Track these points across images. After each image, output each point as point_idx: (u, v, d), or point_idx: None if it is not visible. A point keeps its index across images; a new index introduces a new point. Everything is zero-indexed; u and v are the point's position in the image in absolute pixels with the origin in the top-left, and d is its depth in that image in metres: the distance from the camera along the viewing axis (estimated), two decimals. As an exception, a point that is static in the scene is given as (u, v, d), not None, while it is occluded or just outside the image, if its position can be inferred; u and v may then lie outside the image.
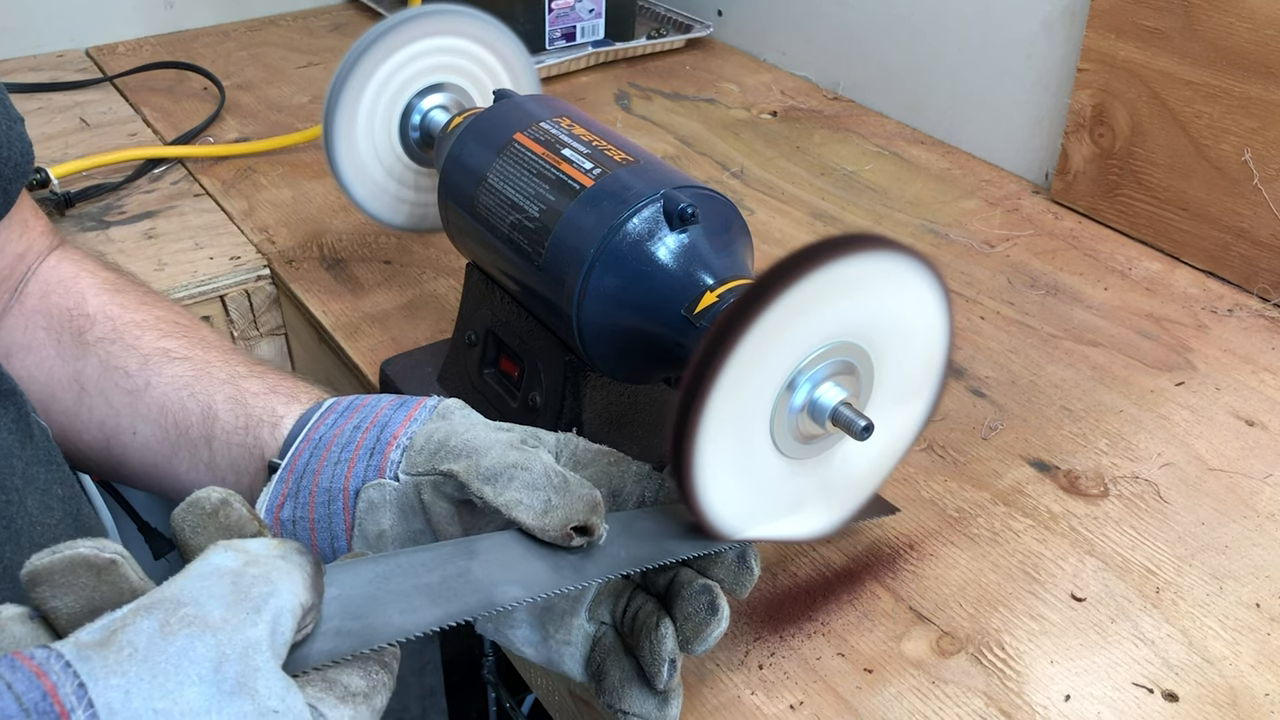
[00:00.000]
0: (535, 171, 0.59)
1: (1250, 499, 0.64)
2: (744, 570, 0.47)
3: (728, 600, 0.46)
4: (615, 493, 0.49)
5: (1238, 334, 0.78)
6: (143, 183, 0.98)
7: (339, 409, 0.53)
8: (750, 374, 0.44)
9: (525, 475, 0.45)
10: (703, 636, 0.45)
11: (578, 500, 0.44)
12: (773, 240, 0.89)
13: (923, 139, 1.07)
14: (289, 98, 1.14)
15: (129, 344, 0.59)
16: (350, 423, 0.51)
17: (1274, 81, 0.77)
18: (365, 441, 0.50)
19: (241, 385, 0.56)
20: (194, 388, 0.57)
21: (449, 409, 0.51)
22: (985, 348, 0.77)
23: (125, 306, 0.61)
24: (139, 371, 0.58)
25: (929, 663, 0.53)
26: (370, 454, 0.49)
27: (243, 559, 0.36)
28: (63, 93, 1.15)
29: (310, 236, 0.89)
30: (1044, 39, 0.95)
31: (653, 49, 1.26)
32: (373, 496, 0.49)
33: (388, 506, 0.49)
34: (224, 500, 0.38)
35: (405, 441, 0.49)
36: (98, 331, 0.60)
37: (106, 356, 0.59)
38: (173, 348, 0.59)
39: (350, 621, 0.38)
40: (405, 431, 0.50)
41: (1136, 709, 0.51)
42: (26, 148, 0.59)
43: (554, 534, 0.44)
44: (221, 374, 0.57)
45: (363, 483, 0.49)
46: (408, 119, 0.74)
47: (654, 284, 0.53)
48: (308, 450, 0.51)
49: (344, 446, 0.50)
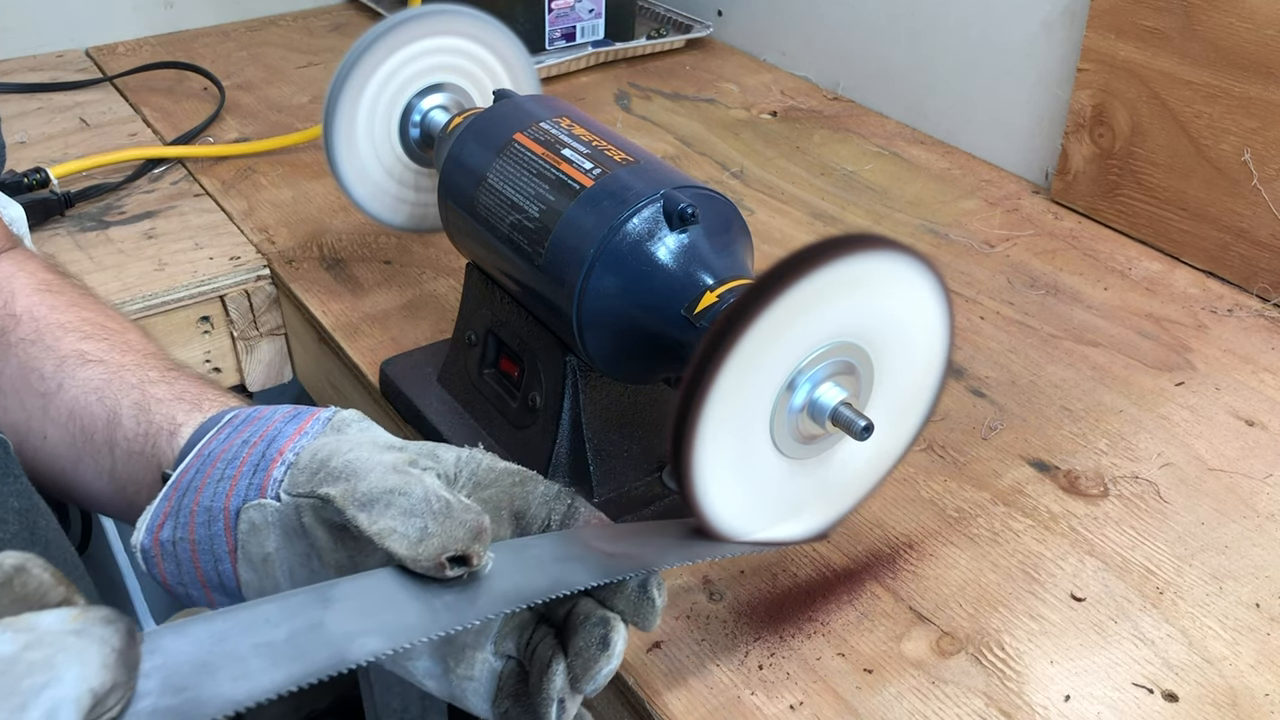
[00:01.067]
0: (535, 171, 0.59)
1: (1250, 499, 0.64)
2: (645, 600, 0.44)
3: (630, 632, 0.43)
4: (519, 514, 0.46)
5: (1238, 334, 0.78)
6: (143, 183, 0.98)
7: (235, 422, 0.49)
8: (750, 374, 0.44)
9: (403, 501, 0.41)
10: (591, 675, 0.42)
11: (458, 527, 0.41)
12: (773, 240, 0.89)
13: (923, 139, 1.07)
14: (289, 98, 1.14)
15: (48, 345, 0.57)
16: (241, 437, 0.48)
17: (1274, 81, 0.77)
18: (250, 457, 0.47)
19: (149, 391, 0.54)
20: (103, 392, 0.54)
21: (345, 421, 0.48)
22: (985, 348, 0.77)
23: (54, 308, 0.59)
24: (53, 374, 0.56)
25: (929, 663, 0.53)
26: (254, 470, 0.46)
27: (23, 642, 0.31)
28: (63, 93, 1.15)
29: (310, 236, 0.89)
30: (1044, 39, 0.95)
31: (653, 49, 1.26)
32: (254, 518, 0.46)
33: (270, 528, 0.46)
34: (19, 567, 0.33)
35: (290, 458, 0.46)
36: (21, 332, 0.57)
37: (25, 358, 0.57)
38: (90, 350, 0.56)
39: (170, 697, 0.34)
40: (292, 446, 0.46)
41: (1136, 709, 0.51)
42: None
43: (426, 565, 0.40)
44: (132, 378, 0.55)
45: (244, 501, 0.46)
46: (408, 119, 0.74)
47: (654, 284, 0.53)
48: (195, 467, 0.48)
49: (229, 463, 0.47)
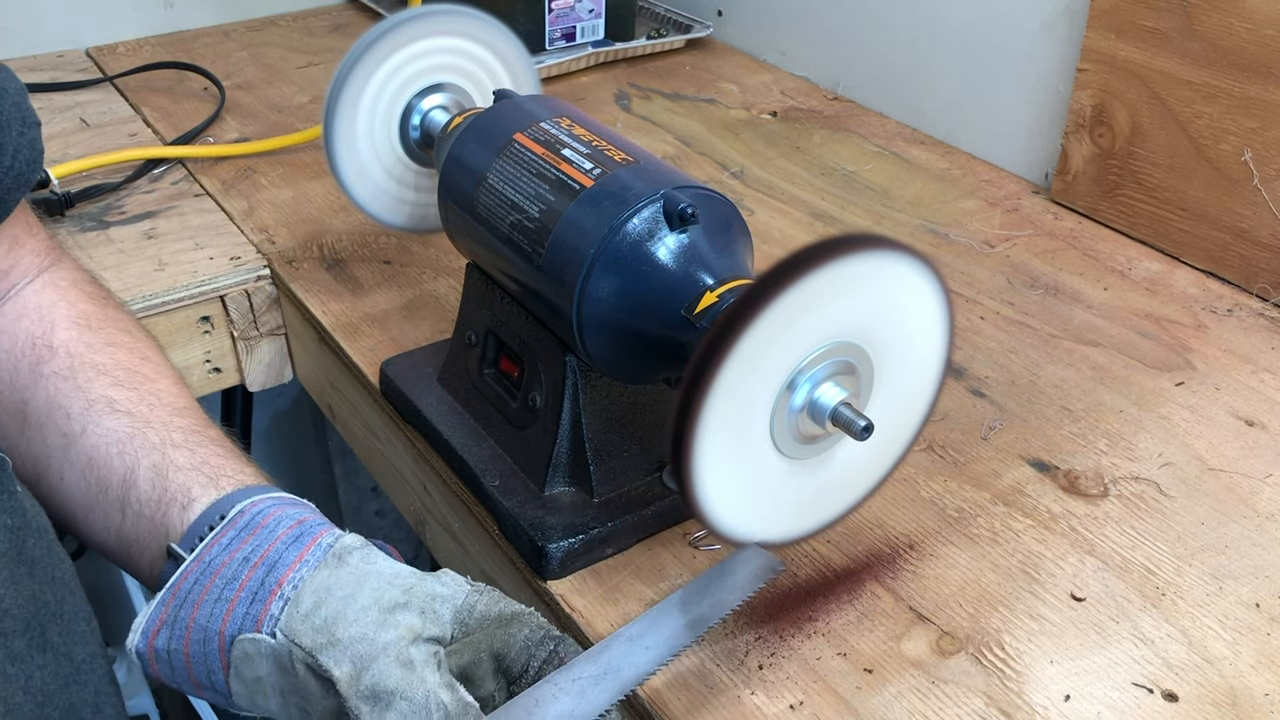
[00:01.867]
0: (535, 171, 0.59)
1: (1250, 499, 0.64)
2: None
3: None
4: (499, 657, 0.47)
5: (1238, 334, 0.78)
6: (143, 183, 0.98)
7: (239, 524, 0.50)
8: (750, 374, 0.44)
9: (404, 706, 0.43)
10: None
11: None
12: (773, 240, 0.90)
13: (923, 139, 1.07)
14: (289, 98, 1.14)
15: (79, 385, 0.57)
16: (241, 551, 0.49)
17: (1274, 81, 0.77)
18: (249, 582, 0.48)
19: (169, 454, 0.54)
20: (125, 446, 0.55)
21: (346, 549, 0.49)
22: (985, 348, 0.77)
23: (90, 345, 0.59)
24: (79, 416, 0.56)
25: (929, 663, 0.53)
26: (252, 599, 0.47)
27: None
28: (63, 93, 1.15)
29: (310, 236, 0.89)
30: (1044, 39, 0.95)
31: (653, 49, 1.26)
32: (248, 649, 0.47)
33: (264, 659, 0.47)
34: None
35: (289, 592, 0.47)
36: (54, 365, 0.58)
37: (54, 393, 0.57)
38: (119, 398, 0.57)
39: None
40: (291, 578, 0.47)
41: (1136, 709, 0.51)
42: (36, 155, 0.57)
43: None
44: (155, 438, 0.55)
45: (239, 630, 0.47)
46: (408, 119, 0.74)
47: (654, 284, 0.53)
48: (194, 574, 0.49)
49: (228, 582, 0.48)
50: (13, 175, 0.55)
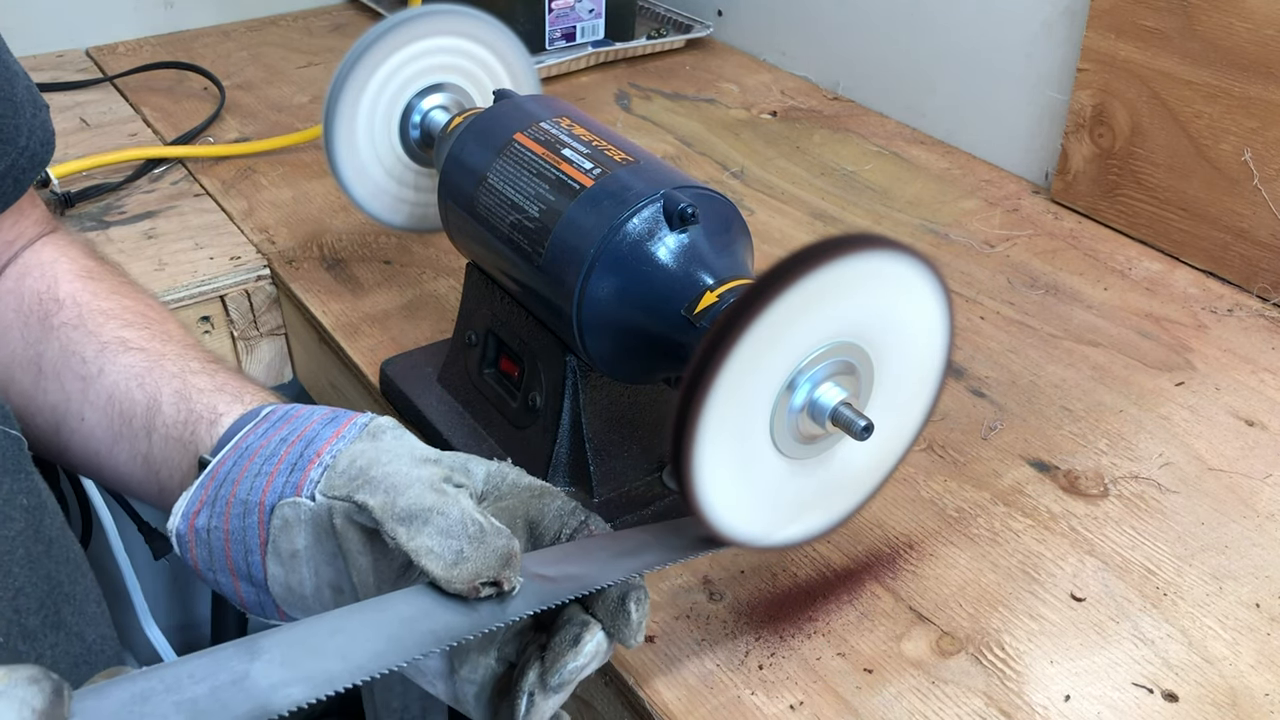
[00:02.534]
0: (535, 171, 0.59)
1: (1250, 499, 0.64)
2: (622, 614, 0.45)
3: (612, 649, 0.45)
4: (533, 525, 0.48)
5: (1238, 334, 0.78)
6: (143, 183, 0.98)
7: (273, 418, 0.51)
8: (750, 374, 0.44)
9: (440, 521, 0.43)
10: (556, 669, 0.43)
11: (491, 554, 0.43)
12: (773, 240, 0.89)
13: (923, 139, 1.07)
14: (289, 98, 1.14)
15: (90, 330, 0.59)
16: (279, 434, 0.50)
17: (1274, 81, 0.77)
18: (289, 455, 0.49)
19: (189, 380, 0.56)
20: (144, 378, 0.56)
21: (380, 428, 0.50)
22: (985, 348, 0.77)
23: (95, 294, 0.61)
24: (94, 358, 0.57)
25: (929, 663, 0.53)
26: (291, 469, 0.48)
27: None
28: (63, 93, 1.15)
29: (310, 236, 0.89)
30: (1044, 39, 0.95)
31: (653, 49, 1.26)
32: (287, 514, 0.47)
33: (302, 526, 0.47)
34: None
35: (328, 460, 0.48)
36: (63, 316, 0.59)
37: (67, 341, 0.58)
38: (131, 337, 0.58)
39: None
40: (330, 449, 0.48)
41: (1136, 709, 0.51)
42: (49, 137, 0.60)
43: (461, 587, 0.42)
44: (173, 367, 0.57)
45: (279, 498, 0.48)
46: (408, 119, 0.74)
47: (654, 284, 0.53)
48: (232, 458, 0.50)
49: (267, 459, 0.49)
50: (27, 156, 0.58)
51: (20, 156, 0.57)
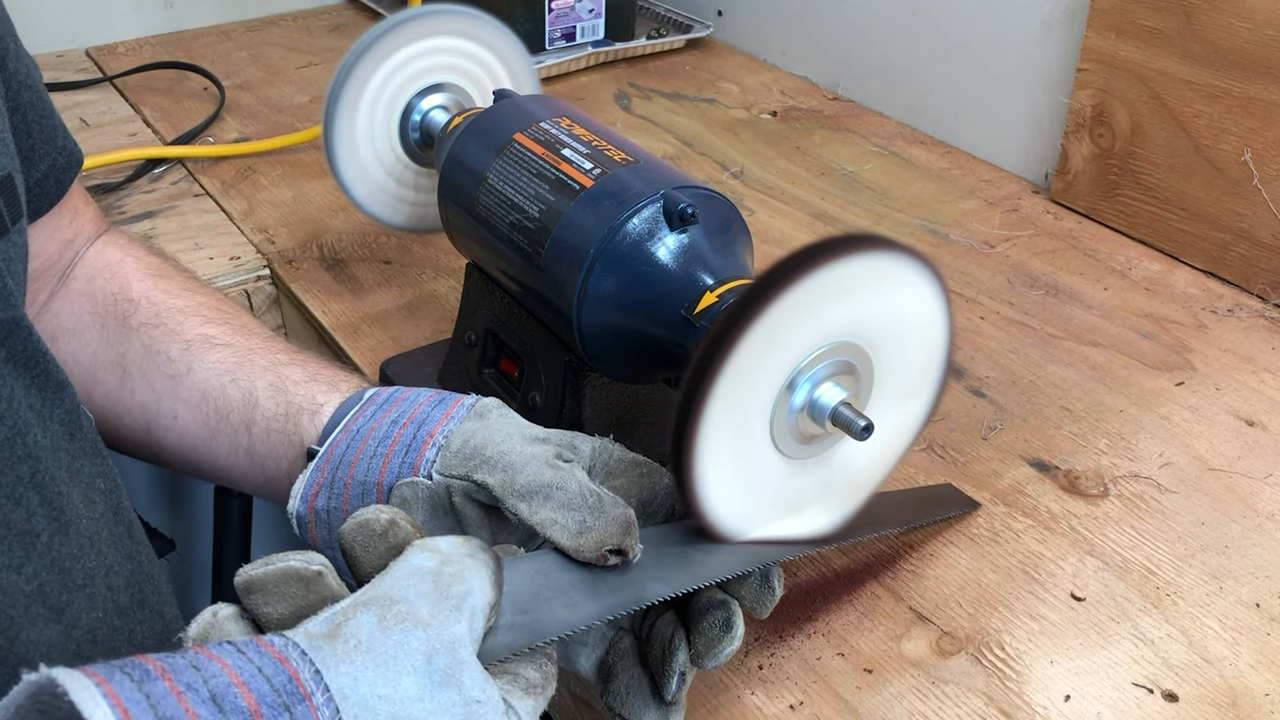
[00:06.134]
0: (535, 171, 0.59)
1: (1250, 499, 0.64)
2: (766, 591, 0.48)
3: (744, 617, 0.47)
4: (645, 504, 0.50)
5: (1238, 334, 0.78)
6: (143, 183, 0.98)
7: (378, 401, 0.53)
8: (750, 374, 0.44)
9: (560, 495, 0.45)
10: (714, 653, 0.45)
11: (611, 522, 0.44)
12: (773, 240, 0.90)
13: (923, 139, 1.07)
14: (289, 98, 1.14)
15: (171, 329, 0.60)
16: (389, 416, 0.52)
17: (1274, 81, 0.77)
18: (402, 437, 0.51)
19: (282, 372, 0.57)
20: (235, 374, 0.57)
21: (486, 408, 0.51)
22: (985, 348, 0.77)
23: (168, 292, 0.62)
24: (181, 357, 0.58)
25: (929, 663, 0.53)
26: (406, 450, 0.50)
27: (438, 559, 0.38)
28: (62, 93, 1.15)
29: (310, 236, 0.89)
30: (1044, 39, 0.95)
31: (653, 49, 1.26)
32: (405, 494, 0.49)
33: (420, 504, 0.49)
34: (392, 521, 0.40)
35: (441, 440, 0.50)
36: (141, 316, 0.60)
37: (149, 341, 0.59)
38: (214, 334, 0.60)
39: (521, 616, 0.40)
40: (442, 430, 0.50)
41: (1136, 709, 0.51)
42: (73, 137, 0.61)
43: (588, 555, 0.44)
44: (263, 361, 0.58)
45: (397, 478, 0.50)
46: (408, 119, 0.74)
47: (654, 284, 0.53)
48: (345, 441, 0.51)
49: (380, 440, 0.51)
50: (65, 154, 0.59)
51: (60, 156, 0.59)
